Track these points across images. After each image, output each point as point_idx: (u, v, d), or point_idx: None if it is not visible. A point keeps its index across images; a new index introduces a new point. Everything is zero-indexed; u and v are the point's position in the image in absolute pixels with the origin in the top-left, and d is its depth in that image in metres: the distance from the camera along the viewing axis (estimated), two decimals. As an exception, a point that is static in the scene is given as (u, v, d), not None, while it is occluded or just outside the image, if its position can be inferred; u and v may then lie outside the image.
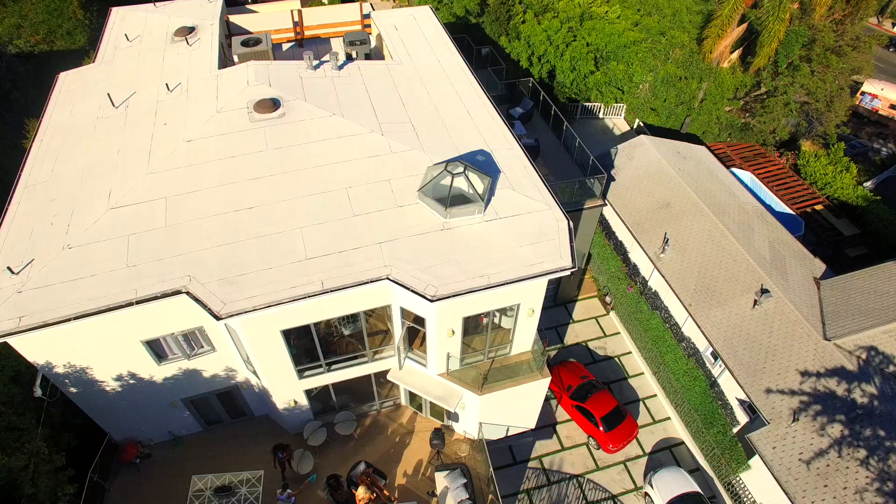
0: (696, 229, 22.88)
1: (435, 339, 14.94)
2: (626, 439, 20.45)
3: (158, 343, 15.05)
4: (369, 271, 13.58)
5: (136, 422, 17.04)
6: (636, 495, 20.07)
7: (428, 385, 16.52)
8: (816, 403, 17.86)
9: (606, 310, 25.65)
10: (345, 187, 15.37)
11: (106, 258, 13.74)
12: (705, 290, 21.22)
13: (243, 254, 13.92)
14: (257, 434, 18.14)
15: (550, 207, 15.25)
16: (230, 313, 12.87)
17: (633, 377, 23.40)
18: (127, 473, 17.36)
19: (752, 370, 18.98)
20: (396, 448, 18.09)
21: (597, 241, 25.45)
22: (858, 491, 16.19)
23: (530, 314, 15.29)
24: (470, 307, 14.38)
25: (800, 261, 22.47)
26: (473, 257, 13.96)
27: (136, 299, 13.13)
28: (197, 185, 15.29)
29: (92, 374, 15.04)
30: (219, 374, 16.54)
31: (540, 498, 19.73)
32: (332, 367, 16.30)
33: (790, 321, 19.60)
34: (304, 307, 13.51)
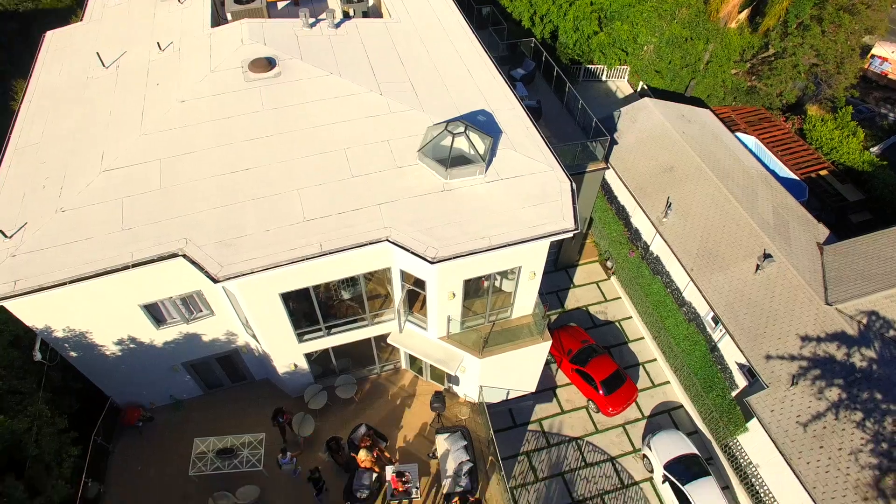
0: (700, 193, 22.58)
1: (435, 301, 14.81)
2: (626, 403, 20.60)
3: (156, 307, 14.93)
4: (369, 233, 13.36)
5: (137, 386, 17.08)
6: (634, 457, 20.33)
7: (428, 348, 16.48)
8: (815, 368, 17.90)
9: (607, 274, 25.55)
10: (343, 148, 15.03)
11: (100, 221, 13.50)
12: (707, 254, 21.05)
13: (240, 216, 13.68)
14: (258, 397, 18.22)
15: (553, 169, 14.94)
16: (228, 276, 12.70)
17: (633, 341, 23.46)
18: (130, 436, 17.50)
19: (752, 335, 18.97)
20: (397, 411, 18.20)
21: (599, 205, 25.18)
22: (853, 452, 16.37)
23: (531, 277, 15.14)
24: (471, 269, 14.21)
25: (803, 226, 22.24)
26: (474, 219, 13.72)
27: (133, 262, 12.94)
28: (192, 147, 14.94)
29: (91, 339, 14.96)
30: (218, 338, 16.49)
31: (539, 460, 19.98)
32: (332, 331, 16.23)
33: (792, 286, 19.50)
34: (303, 270, 13.34)
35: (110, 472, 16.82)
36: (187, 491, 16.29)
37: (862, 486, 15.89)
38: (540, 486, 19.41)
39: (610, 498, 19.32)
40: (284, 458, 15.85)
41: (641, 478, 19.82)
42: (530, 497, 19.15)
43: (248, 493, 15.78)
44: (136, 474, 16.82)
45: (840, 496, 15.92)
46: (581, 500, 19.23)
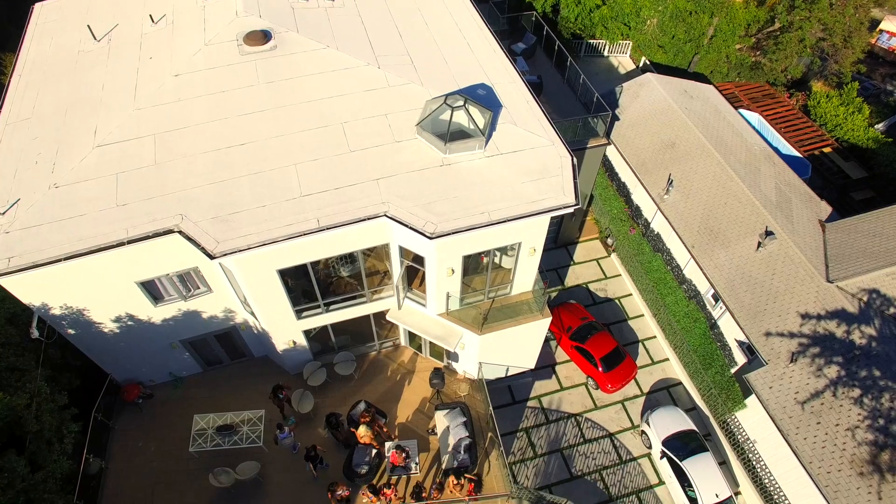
0: (702, 170, 22.34)
1: (434, 278, 14.71)
2: (625, 380, 20.65)
3: (153, 284, 14.83)
4: (366, 208, 13.19)
5: (136, 363, 17.08)
6: (633, 433, 20.45)
7: (427, 325, 16.43)
8: (815, 345, 17.90)
9: (608, 251, 25.43)
10: (340, 122, 14.77)
11: (94, 197, 13.31)
12: (709, 231, 20.91)
13: (236, 191, 13.49)
14: (257, 375, 18.24)
15: (554, 143, 14.71)
16: (224, 252, 12.57)
17: (633, 319, 23.44)
18: (130, 413, 17.58)
19: (752, 312, 18.93)
20: (396, 388, 18.24)
21: (599, 181, 24.95)
22: (850, 428, 16.45)
23: (531, 253, 15.01)
24: (470, 245, 14.07)
25: (806, 203, 22.06)
26: (474, 194, 13.53)
27: (128, 239, 12.80)
28: (186, 122, 14.68)
29: (89, 316, 14.90)
30: (216, 316, 16.43)
31: (538, 436, 20.11)
32: (331, 308, 16.16)
33: (793, 263, 19.40)
34: (300, 245, 13.20)
35: (111, 447, 16.93)
36: (188, 467, 16.40)
37: (858, 461, 16.00)
38: (539, 461, 19.56)
39: (608, 473, 19.49)
40: (283, 433, 15.92)
41: (639, 453, 19.97)
42: (529, 472, 19.31)
43: (248, 468, 15.87)
44: (137, 450, 16.93)
45: (836, 471, 16.04)
46: (579, 475, 19.39)
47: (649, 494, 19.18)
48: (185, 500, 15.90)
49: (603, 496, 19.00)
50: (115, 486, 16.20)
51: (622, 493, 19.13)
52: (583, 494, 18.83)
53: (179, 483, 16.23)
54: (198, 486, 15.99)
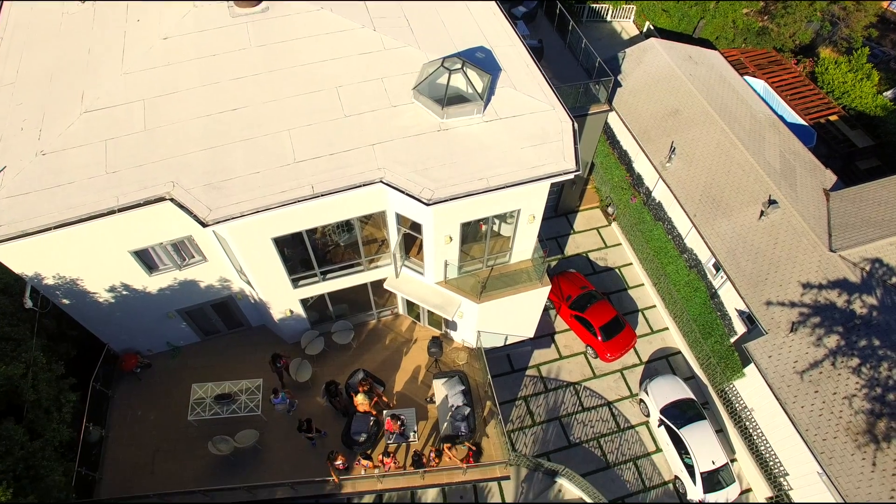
0: (705, 138, 21.92)
1: (432, 246, 14.49)
2: (624, 349, 20.63)
3: (147, 253, 14.62)
4: (362, 174, 12.89)
5: (132, 333, 17.00)
6: (631, 402, 20.53)
7: (425, 293, 16.28)
8: (816, 314, 17.80)
9: (608, 220, 25.17)
10: (335, 86, 14.33)
11: (83, 164, 12.98)
12: (711, 200, 20.62)
13: (229, 158, 13.16)
14: (255, 344, 18.19)
15: (554, 108, 14.30)
16: (217, 220, 12.33)
17: (633, 288, 23.33)
18: (129, 382, 17.59)
19: (753, 281, 18.79)
20: (394, 356, 18.21)
21: (600, 149, 24.52)
22: (847, 397, 16.46)
23: (531, 221, 14.75)
24: (468, 212, 13.82)
25: (810, 172, 21.70)
26: (472, 159, 13.21)
27: (119, 207, 12.53)
28: (176, 87, 14.24)
29: (82, 286, 14.73)
30: (212, 285, 16.27)
31: (537, 404, 20.19)
32: (327, 276, 15.99)
33: (796, 232, 19.17)
34: (295, 213, 12.95)
35: (111, 417, 17.00)
36: (188, 435, 16.48)
37: (854, 429, 16.05)
38: (537, 429, 19.68)
39: (606, 441, 19.63)
40: (277, 398, 15.90)
41: (637, 422, 20.08)
42: (527, 440, 19.44)
43: (246, 437, 15.93)
44: (137, 419, 17.00)
45: (832, 438, 16.12)
46: (577, 443, 19.53)
47: (646, 461, 19.35)
48: (184, 468, 16.02)
49: (601, 463, 19.17)
50: (116, 454, 16.31)
51: (619, 460, 19.30)
52: (580, 462, 18.99)
53: (179, 451, 16.33)
54: (197, 454, 16.09)
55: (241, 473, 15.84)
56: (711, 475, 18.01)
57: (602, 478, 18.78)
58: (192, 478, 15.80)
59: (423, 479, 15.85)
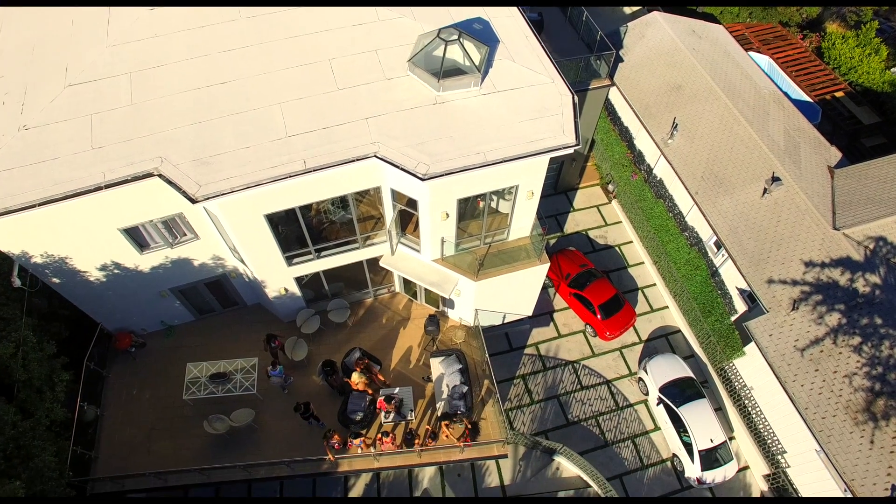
0: (708, 114, 21.45)
1: (428, 222, 14.18)
2: (623, 327, 20.46)
3: (137, 231, 14.32)
4: (355, 148, 12.52)
5: (125, 312, 16.79)
6: (630, 380, 20.44)
7: (422, 271, 16.02)
8: (818, 293, 17.59)
9: (608, 198, 24.82)
10: (327, 59, 13.88)
11: (68, 140, 12.60)
12: (713, 177, 20.25)
13: (218, 132, 12.78)
14: (250, 323, 18.01)
15: (554, 81, 13.87)
16: (206, 196, 12.01)
17: (633, 266, 23.09)
18: (124, 361, 17.45)
19: (755, 259, 18.54)
20: (391, 335, 18.04)
21: (601, 125, 24.06)
22: (848, 375, 16.34)
23: (529, 196, 14.42)
24: (465, 188, 13.48)
25: (815, 149, 21.29)
26: (468, 133, 12.83)
27: (105, 183, 12.18)
28: (164, 59, 13.79)
29: (72, 264, 14.46)
30: (206, 263, 16.00)
31: (535, 383, 20.10)
32: (322, 254, 15.72)
33: (800, 210, 18.86)
34: (287, 189, 12.62)
35: (106, 396, 16.89)
36: (183, 414, 16.39)
37: (853, 407, 15.95)
38: (535, 408, 19.62)
39: (604, 419, 19.58)
40: (274, 371, 15.75)
41: (636, 400, 20.02)
42: (525, 419, 19.39)
43: (242, 416, 15.83)
44: (132, 398, 16.90)
45: (831, 416, 16.04)
46: (576, 421, 19.48)
47: (645, 440, 19.32)
48: (180, 447, 15.95)
49: (599, 441, 19.14)
50: (111, 433, 16.24)
51: (618, 438, 19.27)
52: (579, 440, 18.96)
53: (175, 430, 16.26)
54: (193, 433, 16.01)
55: (236, 452, 15.78)
56: (709, 453, 17.98)
57: (600, 456, 18.77)
58: (188, 457, 15.74)
59: (419, 458, 15.79)
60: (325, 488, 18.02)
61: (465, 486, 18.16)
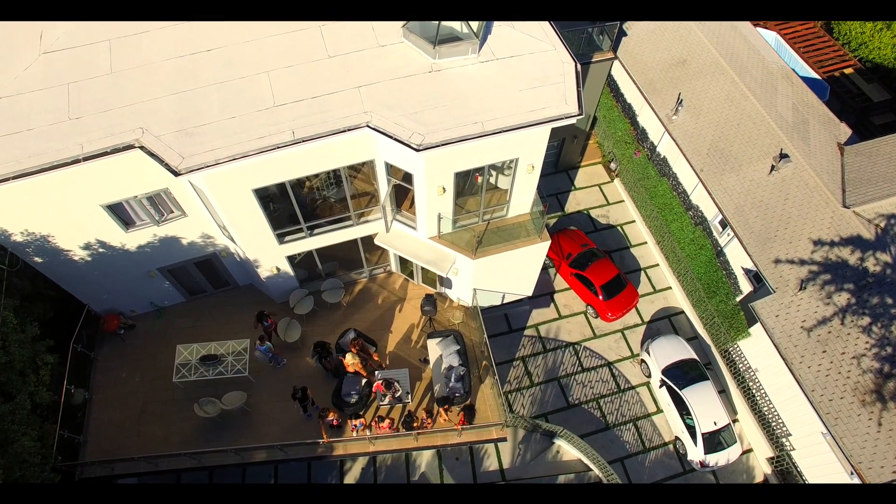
0: (714, 89, 20.76)
1: (424, 198, 13.59)
2: (626, 308, 19.97)
3: (122, 207, 13.75)
4: (347, 118, 11.89)
5: (113, 293, 16.28)
6: (632, 362, 20.01)
7: (418, 249, 15.46)
8: (826, 272, 17.09)
9: (611, 177, 24.20)
10: (318, 25, 13.18)
11: (43, 110, 11.94)
12: (719, 154, 19.63)
13: (202, 102, 12.14)
14: (242, 304, 17.50)
15: (555, 48, 13.19)
16: (190, 168, 11.40)
17: (635, 246, 22.54)
18: (112, 344, 16.99)
19: (762, 238, 18.00)
20: (387, 316, 17.54)
21: (603, 102, 23.33)
22: (856, 356, 15.90)
23: (529, 171, 13.81)
24: (462, 161, 12.86)
25: (825, 125, 20.63)
26: (466, 102, 12.17)
27: (84, 156, 11.56)
28: (145, 26, 13.09)
29: (55, 243, 13.91)
30: (194, 242, 15.45)
31: (535, 365, 19.66)
32: (315, 232, 15.14)
33: (808, 188, 18.28)
34: (276, 161, 12.03)
35: (94, 379, 16.48)
36: (174, 397, 15.99)
37: (861, 389, 15.55)
38: (535, 390, 19.20)
39: (605, 402, 19.18)
40: (262, 346, 15.22)
41: (638, 382, 19.60)
42: (525, 401, 18.99)
43: (233, 398, 15.39)
44: (121, 381, 16.47)
45: (838, 398, 15.63)
46: (576, 403, 19.08)
47: (647, 422, 18.94)
48: (171, 430, 15.55)
49: (600, 424, 18.76)
50: (101, 417, 15.85)
51: (619, 421, 18.88)
52: (579, 423, 18.57)
53: (166, 413, 15.85)
54: (184, 416, 15.60)
55: (229, 436, 15.38)
56: (713, 436, 17.61)
57: (601, 439, 18.40)
58: (179, 440, 15.35)
59: (416, 442, 15.39)
60: (320, 472, 17.67)
61: (464, 470, 17.81)
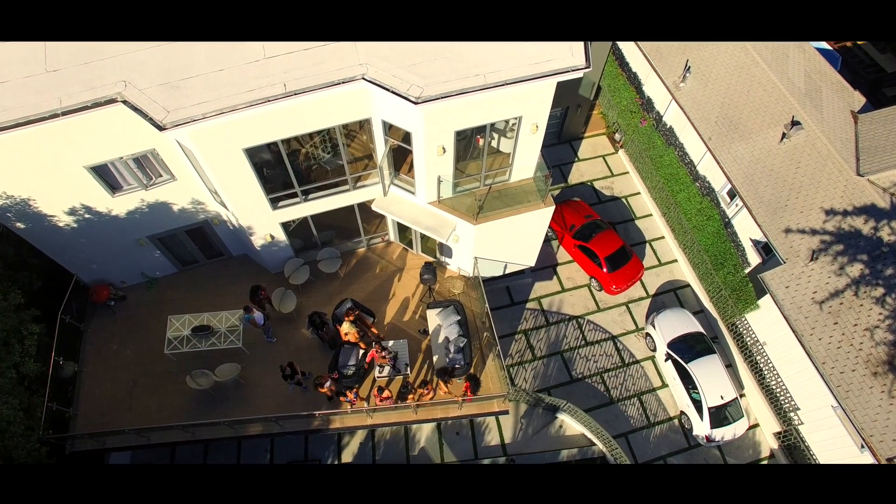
0: (723, 55, 20.04)
1: (423, 158, 12.95)
2: (631, 280, 19.44)
3: (106, 170, 13.10)
4: (341, 70, 11.21)
5: (102, 262, 15.71)
6: (637, 336, 19.53)
7: (417, 215, 14.85)
8: (839, 242, 16.55)
9: (615, 148, 23.52)
10: (310, -25, 12.44)
11: (17, 61, 11.20)
12: (728, 122, 18.98)
13: (189, 54, 11.44)
14: (236, 275, 16.95)
15: None
16: (175, 122, 10.78)
17: (640, 218, 21.95)
18: (103, 316, 16.47)
19: (772, 208, 17.43)
20: (385, 286, 16.99)
21: (608, 70, 22.58)
22: (869, 328, 15.43)
23: (534, 131, 13.16)
24: (462, 118, 12.20)
25: (838, 93, 19.94)
26: (467, 54, 11.47)
27: (62, 110, 10.90)
28: (129, -23, 12.35)
29: (37, 207, 13.30)
30: (185, 208, 14.84)
31: (538, 338, 19.19)
32: (310, 197, 14.52)
33: (821, 156, 17.68)
34: (267, 117, 11.40)
35: (84, 351, 15.97)
36: (167, 369, 15.49)
37: (874, 361, 15.09)
38: (538, 364, 18.75)
39: (609, 376, 18.73)
40: (248, 315, 14.68)
41: (643, 356, 19.14)
42: (527, 375, 18.55)
43: (227, 370, 14.91)
44: (112, 353, 15.97)
45: (850, 371, 15.19)
46: (580, 378, 18.64)
47: (651, 397, 18.52)
48: (163, 404, 15.09)
49: (604, 399, 18.33)
50: (91, 390, 15.37)
51: (623, 395, 18.46)
52: (583, 397, 18.15)
53: (158, 385, 15.38)
54: (177, 389, 15.14)
55: (223, 409, 14.91)
56: (719, 410, 17.19)
57: (605, 413, 17.98)
58: (171, 414, 14.89)
59: (416, 415, 14.94)
60: (317, 447, 17.27)
61: (465, 444, 17.42)
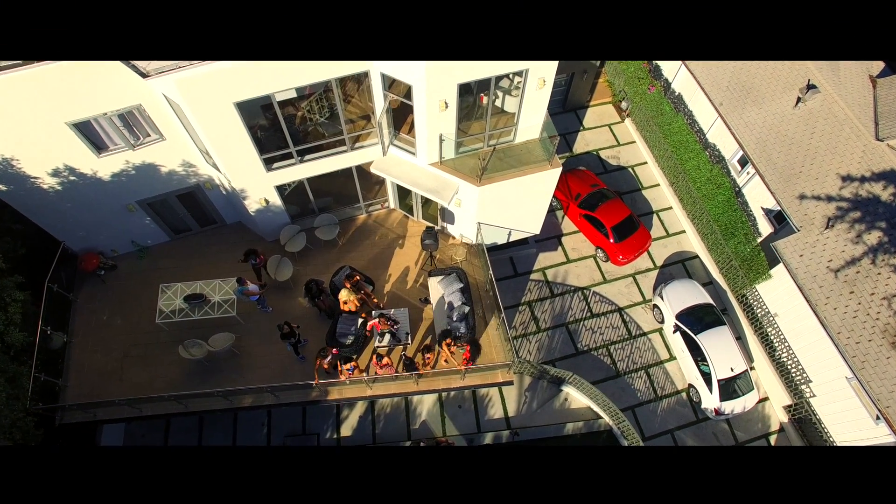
0: (737, 17, 19.22)
1: (424, 115, 12.25)
2: (638, 251, 18.81)
3: (90, 127, 12.42)
4: (337, 14, 10.49)
5: (90, 229, 15.08)
6: (644, 308, 18.97)
7: (418, 177, 14.18)
8: (856, 209, 15.94)
9: (621, 117, 22.77)
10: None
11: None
12: (740, 87, 18.26)
13: (174, -1, 10.71)
14: (231, 243, 16.33)
15: (573, -57, 11.68)
16: (160, 69, 10.09)
17: (647, 188, 21.28)
18: (92, 285, 15.90)
19: (786, 175, 16.78)
20: (385, 254, 16.38)
21: (617, 34, 21.75)
22: (887, 297, 14.88)
23: (541, 86, 12.45)
24: (466, 70, 11.49)
25: (854, 56, 19.18)
26: (472, -4, 10.76)
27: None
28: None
29: (18, 167, 12.65)
30: (175, 171, 14.18)
31: (542, 310, 18.64)
32: (305, 158, 13.86)
33: (838, 120, 17.01)
34: (259, 68, 10.69)
35: (74, 321, 15.42)
36: (159, 339, 14.97)
37: (891, 331, 14.56)
38: (542, 336, 18.22)
39: (616, 348, 18.22)
40: (242, 286, 14.10)
41: (650, 328, 18.61)
42: (531, 347, 18.03)
43: (220, 340, 14.37)
44: (102, 324, 15.42)
45: (866, 341, 14.66)
46: (585, 350, 18.13)
47: (659, 370, 18.03)
48: (155, 375, 14.58)
49: (610, 371, 17.84)
50: (81, 361, 14.86)
51: (630, 368, 17.96)
52: (589, 369, 17.65)
53: (150, 356, 14.86)
54: (169, 360, 14.62)
55: (217, 380, 14.40)
56: (728, 383, 16.70)
57: (611, 386, 17.50)
58: (163, 385, 14.38)
59: (417, 385, 14.43)
60: (315, 420, 16.81)
61: (467, 418, 16.96)
